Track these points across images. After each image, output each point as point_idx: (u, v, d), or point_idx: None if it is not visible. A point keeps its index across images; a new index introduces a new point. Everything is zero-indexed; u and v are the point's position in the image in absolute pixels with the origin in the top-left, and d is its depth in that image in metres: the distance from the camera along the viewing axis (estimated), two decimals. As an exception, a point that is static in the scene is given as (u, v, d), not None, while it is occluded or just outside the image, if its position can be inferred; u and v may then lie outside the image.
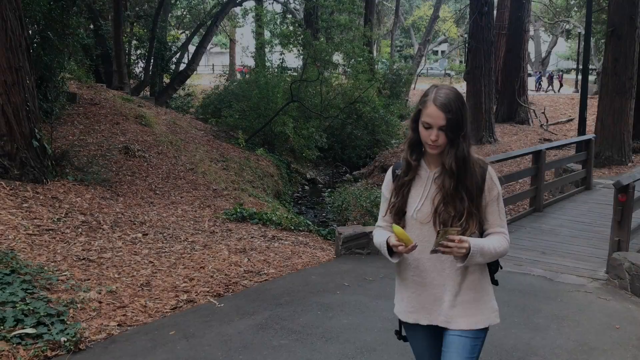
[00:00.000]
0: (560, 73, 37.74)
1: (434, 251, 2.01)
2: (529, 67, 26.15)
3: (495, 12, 19.32)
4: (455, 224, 2.05)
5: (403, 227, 2.16)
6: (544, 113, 20.46)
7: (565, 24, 36.18)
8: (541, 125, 19.73)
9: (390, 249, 2.15)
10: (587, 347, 3.88)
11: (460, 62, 46.08)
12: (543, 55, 44.25)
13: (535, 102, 23.92)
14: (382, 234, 2.25)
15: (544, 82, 35.58)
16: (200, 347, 3.65)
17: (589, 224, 7.51)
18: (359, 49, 17.61)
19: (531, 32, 32.14)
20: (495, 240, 2.12)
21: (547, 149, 8.64)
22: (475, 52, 16.58)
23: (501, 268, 2.30)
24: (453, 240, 1.98)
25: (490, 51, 16.85)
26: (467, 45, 17.17)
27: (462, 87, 26.62)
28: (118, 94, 15.17)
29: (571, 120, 20.27)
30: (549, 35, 43.50)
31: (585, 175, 9.59)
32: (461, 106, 2.04)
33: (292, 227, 8.10)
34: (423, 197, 2.15)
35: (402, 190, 2.19)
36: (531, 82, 29.42)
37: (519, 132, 18.99)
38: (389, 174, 2.30)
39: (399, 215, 2.20)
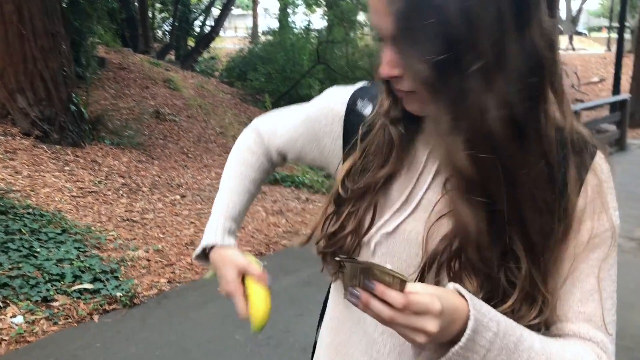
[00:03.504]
0: None
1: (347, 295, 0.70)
2: (559, 26, 25.48)
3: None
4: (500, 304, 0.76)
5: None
6: (575, 73, 20.07)
7: (597, -20, 35.02)
8: (572, 86, 19.38)
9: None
10: (626, 305, 3.92)
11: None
12: (574, 13, 43.03)
13: (567, 61, 23.43)
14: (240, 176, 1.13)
15: None
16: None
17: (624, 184, 7.46)
18: (386, 9, 17.33)
19: (561, -11, 31.22)
20: (561, 355, 0.75)
21: (581, 109, 8.53)
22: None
23: None
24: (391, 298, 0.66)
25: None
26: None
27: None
28: (145, 58, 15.23)
29: (603, 80, 19.85)
30: (579, -8, 42.22)
31: (620, 135, 9.48)
32: None
33: (325, 190, 8.18)
34: (409, 204, 0.86)
35: (372, 148, 0.90)
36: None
37: (549, 92, 18.70)
38: (340, 101, 0.99)
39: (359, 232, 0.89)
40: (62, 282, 3.59)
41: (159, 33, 22.30)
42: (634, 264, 4.74)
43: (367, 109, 0.95)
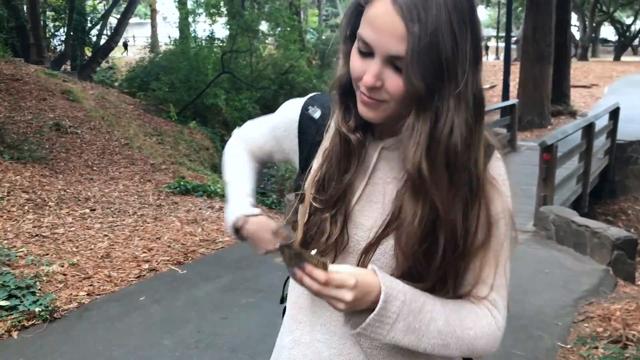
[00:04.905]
0: None
1: (289, 272, 0.93)
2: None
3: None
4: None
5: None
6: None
7: (483, -7, 37.38)
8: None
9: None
10: (522, 289, 4.34)
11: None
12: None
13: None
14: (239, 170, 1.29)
15: None
16: (173, 309, 3.81)
17: (517, 183, 7.91)
18: (289, 18, 17.61)
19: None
20: (458, 310, 0.98)
21: (476, 114, 9.15)
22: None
23: None
24: (318, 277, 0.87)
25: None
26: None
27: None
28: (40, 69, 14.53)
29: (494, 86, 21.20)
30: (468, 5, 44.75)
31: (510, 138, 10.24)
32: (456, 19, 0.86)
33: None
34: (367, 193, 1.02)
35: (333, 157, 1.03)
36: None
37: (445, 99, 19.67)
38: (294, 109, 1.18)
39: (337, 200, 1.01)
40: (-26, 301, 3.45)
41: (53, 42, 21.32)
42: (527, 254, 5.22)
43: (316, 114, 1.15)
